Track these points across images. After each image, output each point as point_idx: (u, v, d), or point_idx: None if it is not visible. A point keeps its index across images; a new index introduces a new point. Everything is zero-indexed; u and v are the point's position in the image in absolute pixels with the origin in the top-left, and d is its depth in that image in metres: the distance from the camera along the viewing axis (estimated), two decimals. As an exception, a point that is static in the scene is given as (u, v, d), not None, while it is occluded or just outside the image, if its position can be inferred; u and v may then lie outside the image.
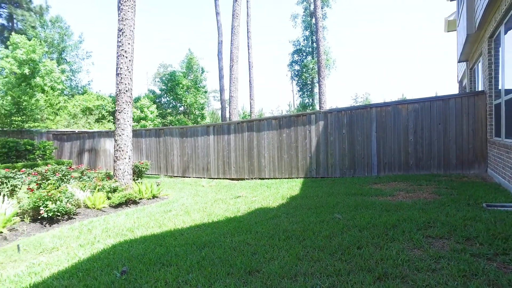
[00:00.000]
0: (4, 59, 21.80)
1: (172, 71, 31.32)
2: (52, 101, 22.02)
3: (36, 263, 4.02)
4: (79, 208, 7.18)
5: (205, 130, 12.68)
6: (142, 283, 2.96)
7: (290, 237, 3.99)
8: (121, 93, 8.45)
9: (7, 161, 14.13)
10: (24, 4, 30.55)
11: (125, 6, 8.16)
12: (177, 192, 9.57)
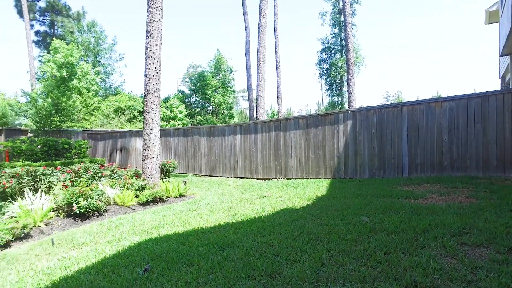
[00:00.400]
0: (46, 64, 23.11)
1: (200, 71, 31.82)
2: (87, 102, 23.06)
3: (67, 257, 4.18)
4: (109, 205, 7.42)
5: (232, 130, 12.73)
6: (163, 282, 2.98)
7: (314, 239, 3.88)
8: (149, 93, 8.64)
9: (47, 158, 14.88)
10: (64, 11, 32.29)
11: (152, 8, 8.33)
12: (203, 191, 9.66)
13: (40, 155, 14.69)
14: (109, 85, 33.48)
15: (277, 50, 20.09)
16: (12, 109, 18.22)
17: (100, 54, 31.91)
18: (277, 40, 20.10)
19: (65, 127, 17.54)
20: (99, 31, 31.26)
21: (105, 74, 32.60)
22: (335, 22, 32.66)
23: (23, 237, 5.29)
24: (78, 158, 15.95)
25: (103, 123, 23.88)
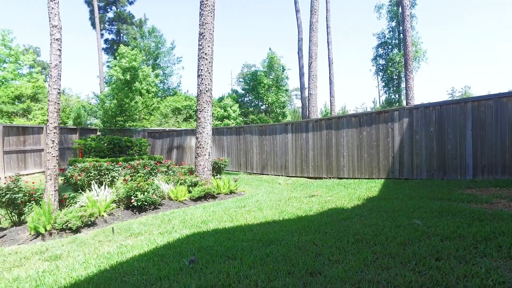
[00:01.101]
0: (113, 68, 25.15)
1: (253, 71, 32.25)
2: (148, 102, 24.66)
3: (124, 244, 4.55)
4: (164, 199, 7.88)
5: (283, 128, 12.74)
6: (207, 273, 3.11)
7: (360, 240, 3.75)
8: (202, 93, 8.99)
9: (112, 155, 16.24)
10: (128, 20, 35.07)
11: (205, 11, 8.66)
12: (254, 189, 9.81)
13: (107, 152, 16.07)
14: (168, 86, 35.41)
15: (330, 47, 19.61)
16: (85, 110, 20.19)
17: (160, 57, 33.91)
18: (329, 37, 19.61)
19: (127, 126, 18.95)
20: (158, 36, 33.25)
21: (164, 76, 34.57)
22: (393, 15, 30.90)
23: (89, 224, 5.85)
24: (139, 155, 17.13)
25: (161, 122, 25.38)
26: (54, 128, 6.13)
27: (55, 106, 6.13)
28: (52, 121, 6.11)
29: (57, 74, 6.10)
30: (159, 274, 3.19)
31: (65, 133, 16.95)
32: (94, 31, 27.80)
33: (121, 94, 18.35)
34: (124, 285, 2.99)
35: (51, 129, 6.10)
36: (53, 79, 6.08)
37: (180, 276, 3.11)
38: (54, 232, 5.45)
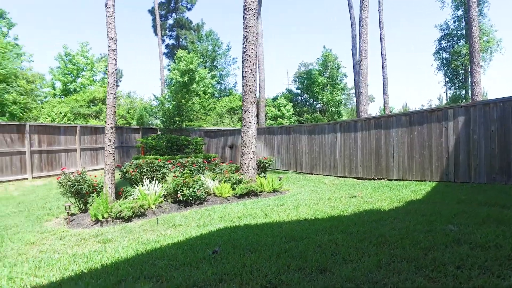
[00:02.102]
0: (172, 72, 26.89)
1: (308, 70, 32.00)
2: (204, 103, 25.91)
3: (163, 234, 5.01)
4: (209, 195, 8.35)
5: (332, 128, 12.58)
6: (225, 263, 3.35)
7: (383, 243, 3.69)
8: (246, 94, 9.31)
9: (170, 153, 17.41)
10: (186, 25, 37.25)
11: (248, 15, 8.95)
12: (298, 188, 9.88)
13: (165, 150, 17.28)
14: (224, 87, 36.73)
15: (383, 43, 18.66)
16: (147, 111, 21.91)
17: (216, 59, 35.32)
18: (382, 32, 18.67)
19: (185, 126, 20.15)
20: (215, 39, 34.64)
21: (221, 77, 35.93)
22: (458, 2, 28.10)
23: (139, 215, 6.49)
24: (195, 153, 18.11)
25: (216, 122, 26.48)
26: (111, 129, 6.91)
27: (112, 109, 6.90)
28: (109, 122, 6.89)
29: (113, 81, 6.86)
30: (184, 260, 3.51)
31: (130, 132, 18.62)
32: (156, 37, 29.94)
33: (179, 95, 19.58)
34: (152, 267, 3.37)
35: (108, 130, 6.88)
36: (110, 85, 6.86)
37: (201, 264, 3.39)
38: (110, 219, 6.17)
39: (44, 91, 25.00)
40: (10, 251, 4.59)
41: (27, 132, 12.75)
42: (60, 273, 3.44)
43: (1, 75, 13.83)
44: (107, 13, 6.93)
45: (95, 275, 3.27)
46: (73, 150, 14.83)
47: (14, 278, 3.42)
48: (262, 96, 23.80)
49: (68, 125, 15.08)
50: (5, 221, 6.50)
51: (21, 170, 12.59)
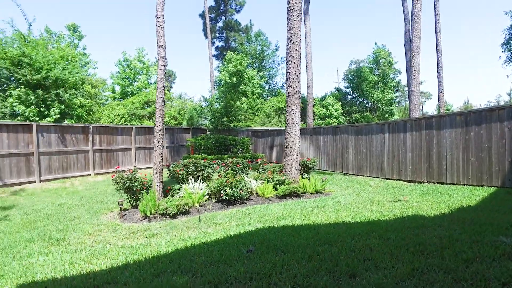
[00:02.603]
0: (221, 73, 27.71)
1: (357, 68, 31.01)
2: (252, 103, 26.31)
3: (204, 231, 5.28)
4: (252, 195, 8.54)
5: (379, 128, 12.13)
6: (257, 262, 3.48)
7: (421, 251, 3.55)
8: (290, 95, 9.35)
9: (218, 152, 17.99)
10: (235, 27, 38.22)
11: (291, 16, 8.98)
12: (342, 189, 9.70)
13: (213, 149, 17.88)
14: (273, 86, 36.90)
15: (438, 37, 17.31)
16: (197, 112, 22.82)
17: (265, 59, 35.60)
18: (437, 25, 17.32)
19: (232, 126, 20.65)
20: (263, 39, 34.94)
21: (269, 77, 36.16)
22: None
23: (184, 212, 6.86)
24: (242, 153, 18.50)
25: (264, 122, 26.73)
26: (160, 131, 7.39)
27: (160, 112, 7.37)
28: (158, 124, 7.37)
29: (161, 86, 7.33)
30: (219, 258, 3.70)
31: (180, 132, 19.55)
32: (206, 40, 31.04)
33: (228, 96, 20.14)
34: (190, 262, 3.60)
35: (157, 131, 7.36)
36: (159, 90, 7.33)
37: (235, 261, 3.55)
38: (157, 216, 6.62)
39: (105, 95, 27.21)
40: (72, 240, 5.16)
41: (90, 132, 14.02)
42: (110, 262, 3.81)
43: (72, 82, 15.33)
44: (157, 23, 7.42)
45: (139, 266, 3.59)
46: (129, 149, 15.98)
47: (74, 263, 3.86)
48: (310, 95, 23.57)
49: (125, 126, 16.27)
50: (71, 212, 7.26)
51: (85, 167, 13.88)
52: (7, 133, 11.37)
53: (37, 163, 12.04)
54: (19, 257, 4.33)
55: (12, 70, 13.84)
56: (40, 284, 3.22)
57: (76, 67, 16.12)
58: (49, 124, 12.76)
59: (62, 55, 15.42)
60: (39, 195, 9.65)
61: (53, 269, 3.65)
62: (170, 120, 23.82)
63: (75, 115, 15.91)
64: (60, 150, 12.93)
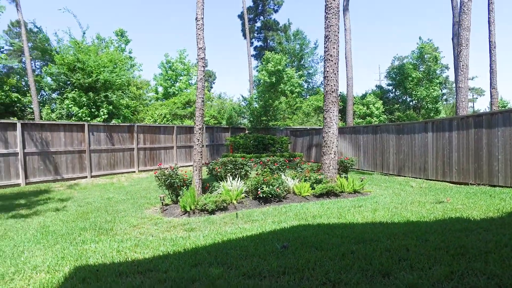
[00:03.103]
0: (260, 73, 27.93)
1: (400, 64, 29.78)
2: (291, 102, 26.27)
3: (241, 227, 5.43)
4: (288, 193, 8.58)
5: (422, 127, 11.62)
6: (290, 257, 3.55)
7: (462, 254, 3.42)
8: (328, 94, 9.26)
9: (256, 151, 18.17)
10: (273, 27, 38.35)
11: (329, 14, 8.88)
12: (381, 190, 9.44)
13: (252, 148, 18.09)
14: (312, 85, 36.55)
15: (491, 28, 15.97)
16: (236, 111, 23.23)
17: (304, 58, 35.32)
18: (491, 15, 15.97)
19: (271, 125, 20.76)
20: (302, 38, 34.67)
21: (308, 76, 35.83)
22: None
23: (222, 209, 7.07)
24: (280, 152, 18.53)
25: (303, 121, 26.56)
26: (199, 129, 7.67)
27: (200, 111, 7.65)
28: (198, 124, 7.65)
29: (201, 86, 7.61)
30: (254, 252, 3.82)
31: (220, 131, 20.01)
32: (245, 40, 31.40)
33: (266, 96, 20.27)
34: (225, 255, 3.75)
35: (197, 130, 7.66)
36: (199, 90, 7.62)
37: (269, 256, 3.65)
38: (196, 211, 6.89)
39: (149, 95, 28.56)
40: (119, 230, 5.55)
41: (135, 132, 14.83)
42: (152, 252, 4.08)
43: (119, 84, 16.36)
44: (197, 26, 7.71)
45: (178, 257, 3.80)
46: (171, 148, 16.67)
47: (120, 251, 4.18)
48: (350, 94, 23.07)
49: (167, 125, 16.99)
50: (118, 206, 7.78)
51: (130, 164, 14.71)
52: (64, 132, 12.39)
53: (88, 160, 12.99)
54: (75, 243, 4.77)
55: (68, 75, 15.04)
56: (93, 267, 3.54)
57: (123, 70, 17.14)
58: (98, 123, 13.69)
59: (110, 59, 16.46)
60: (90, 189, 10.41)
61: (103, 255, 3.99)
62: (210, 120, 24.48)
63: (121, 115, 16.91)
64: (108, 148, 13.82)
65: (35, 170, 11.61)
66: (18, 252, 4.43)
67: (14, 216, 6.91)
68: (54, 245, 4.71)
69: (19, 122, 11.24)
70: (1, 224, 6.22)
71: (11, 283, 3.26)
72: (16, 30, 30.56)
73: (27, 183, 11.28)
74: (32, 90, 17.71)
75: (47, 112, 17.50)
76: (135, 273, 3.29)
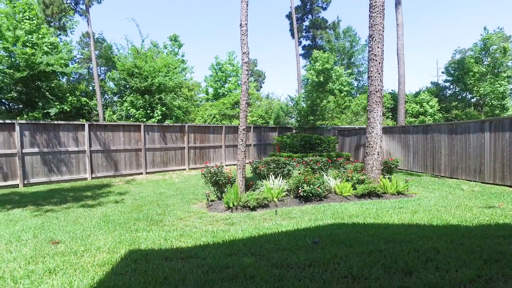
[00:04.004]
0: (308, 72, 27.87)
1: (459, 59, 27.74)
2: (339, 101, 25.84)
3: (277, 223, 5.73)
4: (330, 193, 8.67)
5: (478, 126, 10.93)
6: (319, 252, 3.77)
7: (496, 260, 3.36)
8: (372, 94, 9.17)
9: (303, 151, 18.24)
10: (322, 25, 37.93)
11: (373, 13, 8.77)
12: (428, 192, 9.11)
13: (298, 148, 18.21)
14: (362, 83, 35.46)
15: None
16: (283, 111, 23.45)
17: (354, 55, 34.36)
18: None
19: (318, 124, 20.69)
20: (352, 35, 33.73)
21: (358, 74, 34.82)
22: None
23: (263, 206, 7.41)
24: (327, 152, 18.40)
25: (351, 120, 25.98)
26: (243, 130, 8.08)
27: (244, 113, 8.06)
28: (242, 124, 8.06)
29: (245, 89, 8.00)
30: (286, 246, 4.09)
31: (267, 131, 20.40)
32: (293, 40, 31.46)
33: (314, 95, 20.25)
34: (258, 248, 4.06)
35: (241, 131, 8.07)
36: (243, 93, 8.02)
37: (299, 250, 3.89)
38: (238, 207, 7.30)
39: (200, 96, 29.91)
40: (167, 222, 6.14)
41: (186, 131, 15.76)
42: (194, 242, 4.53)
43: (172, 86, 17.54)
44: (241, 31, 8.11)
45: (216, 247, 4.20)
46: (219, 147, 17.42)
47: (167, 239, 4.70)
48: (401, 92, 22.13)
49: (216, 125, 17.77)
50: (168, 200, 8.48)
51: (181, 162, 15.68)
52: (123, 132, 13.63)
53: (144, 158, 14.13)
54: (130, 230, 5.42)
55: (127, 79, 16.46)
56: (143, 251, 4.07)
57: (175, 73, 18.28)
58: (153, 124, 14.81)
59: (164, 63, 17.66)
60: (144, 185, 11.37)
61: (152, 242, 4.53)
62: (257, 120, 25.00)
63: (174, 116, 18.05)
64: (161, 147, 14.89)
65: (99, 166, 12.95)
66: (86, 235, 5.18)
67: (83, 205, 7.91)
68: (113, 231, 5.40)
69: (87, 123, 12.62)
70: (74, 212, 7.21)
71: (81, 258, 3.91)
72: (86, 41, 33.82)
73: (92, 177, 12.63)
74: (97, 94, 19.61)
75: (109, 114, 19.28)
76: (178, 259, 3.74)
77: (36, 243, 4.78)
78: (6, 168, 10.87)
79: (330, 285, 2.87)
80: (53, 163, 11.88)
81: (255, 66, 59.64)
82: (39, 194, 9.53)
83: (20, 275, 3.41)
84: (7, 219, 6.49)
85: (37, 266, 3.68)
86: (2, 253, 4.29)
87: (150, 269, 3.37)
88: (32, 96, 14.49)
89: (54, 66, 14.36)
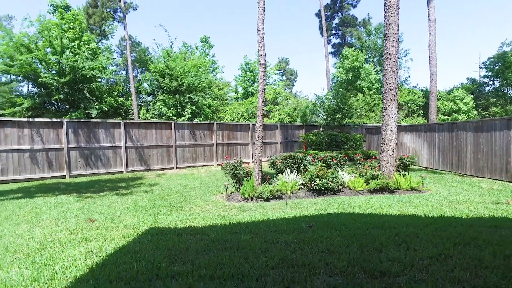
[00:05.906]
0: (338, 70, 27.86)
1: (500, 53, 26.38)
2: (368, 99, 25.56)
3: (284, 212, 6.28)
4: (343, 188, 9.03)
5: (504, 124, 10.73)
6: (308, 234, 4.27)
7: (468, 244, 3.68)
8: (386, 92, 9.39)
9: (329, 149, 18.44)
10: (351, 23, 37.54)
11: (388, 12, 8.99)
12: (444, 189, 9.17)
13: (324, 145, 18.46)
14: (394, 80, 34.58)
15: None
16: (310, 109, 23.72)
17: (386, 52, 33.56)
18: None
19: (345, 122, 20.77)
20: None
21: (389, 71, 33.99)
22: None
23: (277, 197, 7.97)
24: (353, 150, 18.48)
25: (380, 118, 25.63)
26: (260, 127, 8.66)
27: (260, 111, 8.64)
28: (259, 122, 8.65)
29: (262, 89, 8.58)
30: (283, 228, 4.63)
31: (294, 129, 20.80)
32: (322, 38, 31.50)
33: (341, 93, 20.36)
34: (258, 229, 4.64)
35: (258, 128, 8.66)
36: (259, 92, 8.61)
37: (292, 232, 4.41)
38: (254, 198, 7.91)
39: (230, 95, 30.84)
40: (186, 208, 6.91)
41: (214, 129, 16.62)
42: (204, 222, 5.22)
43: (201, 87, 18.51)
44: (258, 35, 8.69)
45: (222, 227, 4.85)
46: (246, 144, 18.12)
47: (182, 221, 5.44)
48: (433, 89, 21.61)
49: (243, 123, 18.47)
50: (191, 191, 9.28)
51: (209, 158, 16.57)
52: (155, 130, 14.73)
53: (174, 154, 15.16)
54: (153, 214, 6.28)
55: (159, 80, 17.62)
56: (160, 229, 4.82)
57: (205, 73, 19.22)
58: (183, 122, 15.79)
59: (194, 64, 18.65)
60: (173, 178, 12.32)
61: (169, 222, 5.28)
62: (285, 118, 25.42)
63: (203, 114, 18.99)
64: (191, 143, 15.85)
65: (133, 161, 14.12)
66: (116, 216, 6.11)
67: (116, 194, 8.92)
68: (139, 214, 6.26)
69: (122, 122, 13.81)
70: (109, 198, 8.26)
71: (111, 232, 4.76)
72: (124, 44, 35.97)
73: (127, 171, 13.82)
74: (132, 94, 21.02)
75: (143, 113, 20.63)
76: (188, 234, 4.41)
77: (77, 220, 5.80)
78: (55, 161, 12.27)
79: (306, 257, 3.38)
80: (93, 157, 13.17)
81: (287, 65, 59.96)
82: (81, 184, 10.76)
83: (65, 241, 4.33)
84: (56, 203, 7.64)
85: (77, 236, 4.57)
86: (52, 226, 5.32)
87: (162, 240, 4.07)
88: (75, 98, 16.00)
89: (94, 71, 15.76)
